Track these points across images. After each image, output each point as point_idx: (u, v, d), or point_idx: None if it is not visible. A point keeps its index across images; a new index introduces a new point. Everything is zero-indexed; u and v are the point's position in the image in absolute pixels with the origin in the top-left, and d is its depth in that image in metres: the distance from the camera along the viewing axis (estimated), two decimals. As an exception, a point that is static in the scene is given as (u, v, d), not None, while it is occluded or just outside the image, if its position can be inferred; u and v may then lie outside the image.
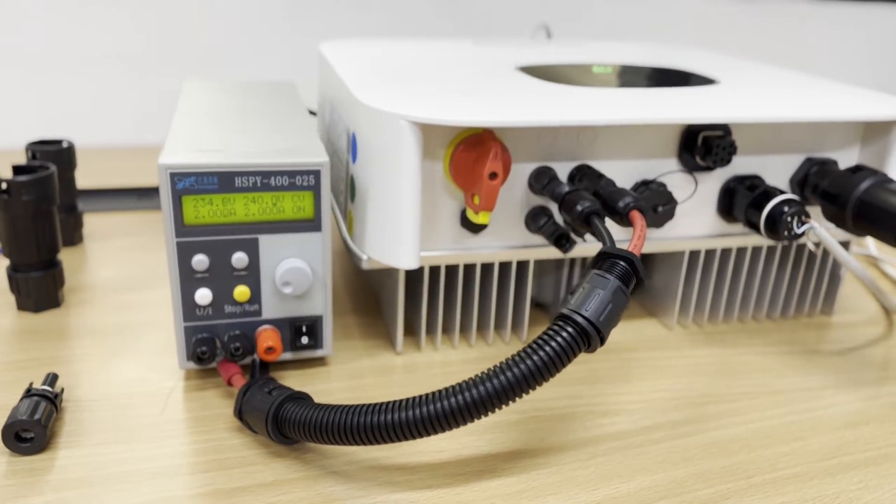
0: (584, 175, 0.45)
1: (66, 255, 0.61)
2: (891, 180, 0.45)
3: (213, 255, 0.41)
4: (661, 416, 0.43)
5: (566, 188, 0.42)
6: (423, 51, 0.60)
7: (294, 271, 0.42)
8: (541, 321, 0.53)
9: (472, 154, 0.42)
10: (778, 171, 0.50)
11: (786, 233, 0.45)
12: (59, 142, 0.61)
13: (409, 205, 0.42)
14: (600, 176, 0.45)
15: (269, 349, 0.43)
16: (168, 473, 0.37)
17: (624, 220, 0.41)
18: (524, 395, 0.34)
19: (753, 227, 0.47)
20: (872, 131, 0.50)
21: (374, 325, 0.52)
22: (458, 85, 0.47)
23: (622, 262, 0.36)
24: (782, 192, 0.46)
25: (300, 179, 0.41)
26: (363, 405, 0.35)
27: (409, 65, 0.53)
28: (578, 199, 0.41)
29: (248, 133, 0.45)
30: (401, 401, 0.35)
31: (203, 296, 0.42)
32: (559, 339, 0.34)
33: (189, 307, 0.42)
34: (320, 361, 0.47)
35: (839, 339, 0.53)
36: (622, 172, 0.47)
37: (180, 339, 0.43)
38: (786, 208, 0.45)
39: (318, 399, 0.42)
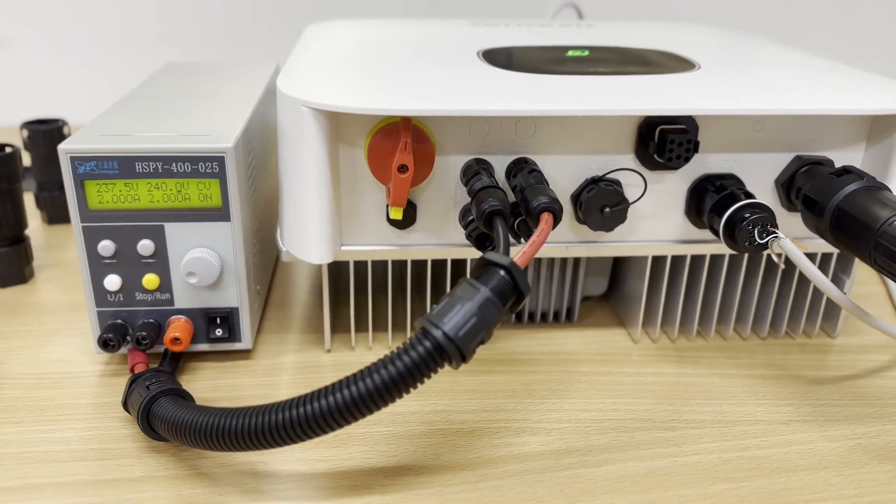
0: (519, 170, 0.41)
1: (56, 232, 0.63)
2: (879, 187, 0.38)
3: (118, 242, 0.41)
4: (581, 439, 0.39)
5: (481, 184, 0.39)
6: (400, 33, 0.57)
7: (198, 262, 0.41)
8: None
9: (387, 144, 0.39)
10: (762, 171, 0.44)
11: (746, 242, 0.40)
12: (54, 121, 0.62)
13: (315, 196, 0.40)
14: (532, 171, 0.40)
15: (176, 340, 0.42)
16: (43, 460, 0.37)
17: (535, 222, 0.37)
18: (373, 411, 0.31)
19: (716, 233, 0.41)
20: (879, 126, 0.43)
21: (318, 319, 0.50)
22: (394, 70, 0.44)
23: (501, 272, 0.32)
24: (749, 196, 0.40)
25: (203, 166, 0.40)
26: (223, 409, 0.34)
27: (365, 48, 0.50)
28: (486, 197, 0.37)
29: (170, 117, 0.44)
30: (251, 407, 0.33)
31: (112, 282, 0.41)
32: (413, 354, 0.30)
33: (100, 293, 0.42)
34: (244, 355, 0.45)
35: (832, 365, 0.46)
36: (569, 169, 0.42)
37: (94, 325, 0.43)
38: (747, 214, 0.39)
39: (225, 394, 0.41)
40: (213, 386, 0.42)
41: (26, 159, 0.71)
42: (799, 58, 0.51)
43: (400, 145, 0.38)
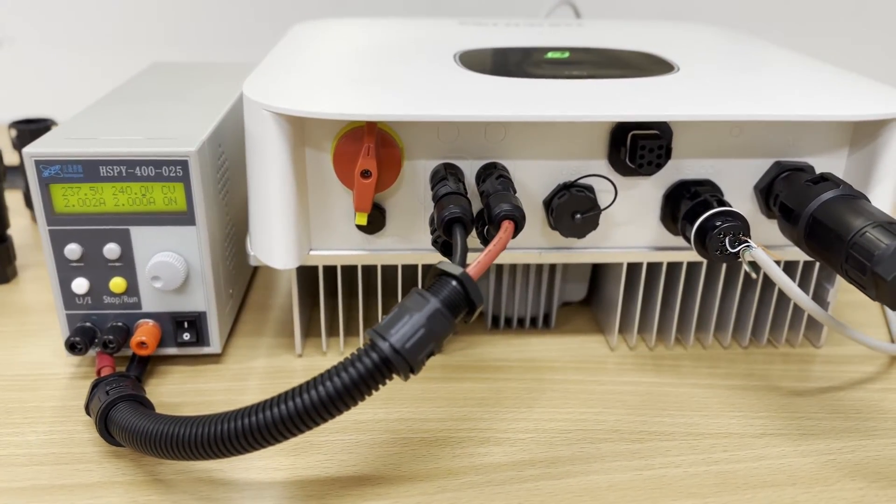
0: (488, 175, 0.40)
1: (44, 231, 0.63)
2: (855, 195, 0.37)
3: (85, 245, 0.41)
4: (546, 450, 0.38)
5: (444, 190, 0.38)
6: (383, 33, 0.56)
7: (162, 266, 0.41)
8: (460, 328, 0.49)
9: (352, 148, 0.39)
10: (741, 177, 0.42)
11: (717, 252, 0.39)
12: (42, 120, 0.62)
13: (279, 201, 0.39)
14: (500, 177, 0.40)
15: (142, 344, 0.42)
16: (1, 463, 0.37)
17: (497, 229, 0.36)
18: (318, 423, 0.30)
19: (689, 241, 0.40)
20: (863, 132, 0.41)
21: (291, 323, 0.49)
22: (362, 73, 0.43)
23: (452, 283, 0.31)
24: (722, 204, 0.39)
25: (167, 170, 0.39)
26: (175, 417, 0.33)
27: (340, 50, 0.50)
28: (448, 203, 0.36)
29: (141, 119, 0.44)
30: (201, 417, 0.32)
31: (79, 285, 0.41)
32: (358, 366, 0.30)
33: (68, 296, 0.42)
34: (213, 359, 0.45)
35: (814, 375, 0.45)
36: (541, 174, 0.42)
37: (63, 327, 0.43)
38: (718, 223, 0.38)
39: (190, 399, 0.41)
40: (179, 390, 0.42)
41: (15, 158, 0.71)
42: (786, 59, 0.50)
43: (363, 150, 0.38)
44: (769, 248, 0.44)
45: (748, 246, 0.38)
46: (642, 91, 0.41)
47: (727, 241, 0.38)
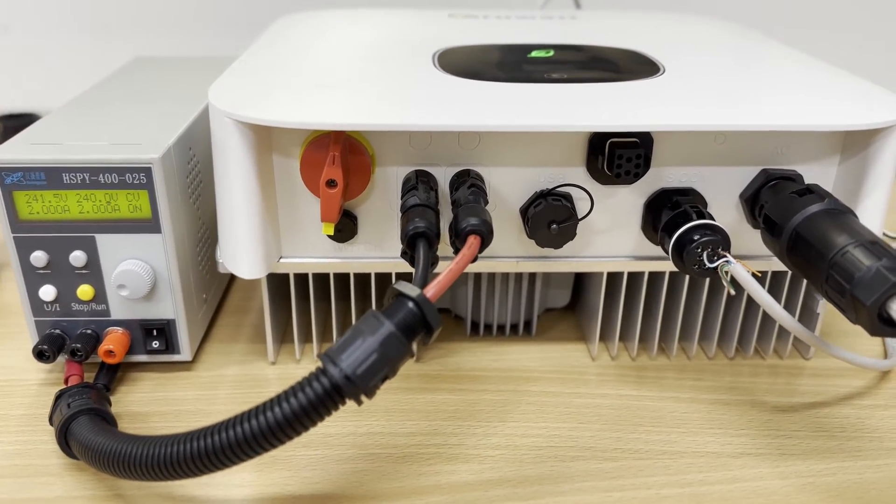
0: (461, 184, 0.39)
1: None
2: (841, 210, 0.35)
3: (51, 252, 0.40)
4: (515, 469, 0.37)
5: (411, 202, 0.37)
6: (365, 28, 0.54)
7: (128, 274, 0.40)
8: (440, 334, 0.48)
9: (319, 156, 0.38)
10: (726, 185, 0.41)
11: (695, 266, 0.37)
12: (28, 115, 0.62)
13: (244, 210, 0.38)
14: (472, 186, 0.38)
15: (110, 352, 0.41)
16: (-36, 476, 0.36)
17: (462, 244, 0.35)
18: (268, 449, 0.30)
19: (668, 253, 0.39)
20: (854, 139, 0.40)
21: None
22: (332, 76, 0.42)
23: (409, 304, 0.30)
24: (702, 216, 0.38)
25: (131, 177, 0.38)
26: (131, 436, 0.33)
27: (315, 48, 0.48)
28: (413, 216, 0.35)
29: (108, 122, 0.43)
30: (156, 437, 0.32)
31: (47, 292, 0.41)
32: (308, 392, 0.29)
33: (36, 303, 0.41)
34: (184, 365, 0.44)
35: (800, 390, 0.43)
36: (517, 181, 0.40)
37: (32, 334, 0.42)
38: (696, 236, 0.37)
39: (159, 408, 0.41)
40: (149, 399, 0.42)
41: None
42: (779, 57, 0.48)
43: (328, 159, 0.37)
44: (755, 258, 0.42)
45: (727, 261, 0.37)
46: (621, 97, 0.39)
47: (705, 255, 0.37)
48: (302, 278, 0.44)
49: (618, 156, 0.38)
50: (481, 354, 0.46)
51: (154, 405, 0.41)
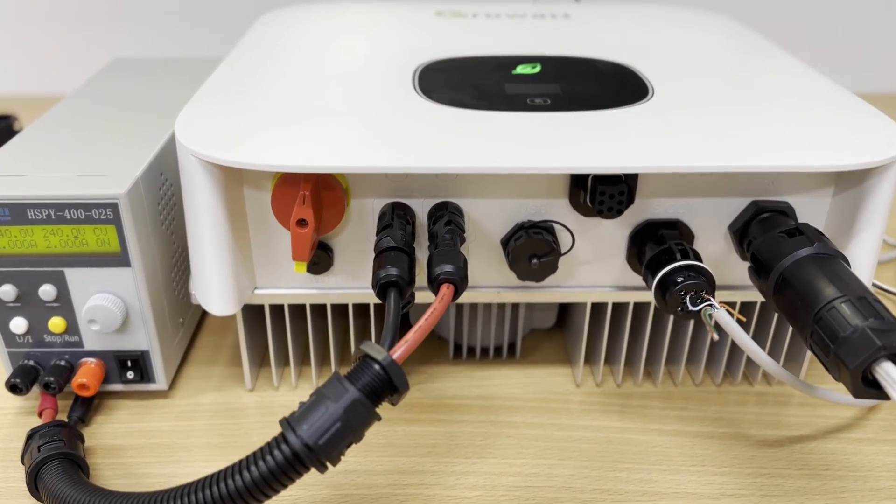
0: (439, 218, 0.38)
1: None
2: (831, 255, 0.34)
3: (20, 286, 0.39)
4: (491, 513, 0.37)
5: (385, 243, 0.35)
6: (347, 31, 0.52)
7: (98, 309, 0.39)
8: (422, 357, 0.47)
9: (291, 191, 0.36)
10: (714, 216, 0.39)
11: (678, 309, 0.36)
12: (5, 117, 0.60)
13: (212, 249, 0.37)
14: (448, 223, 0.37)
15: (83, 386, 0.40)
16: (-65, 518, 0.36)
17: (436, 291, 0.34)
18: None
19: (650, 291, 0.38)
20: (848, 174, 0.38)
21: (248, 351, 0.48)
22: (308, 101, 0.40)
23: (375, 367, 0.29)
24: (686, 255, 0.36)
25: (97, 213, 0.37)
26: (100, 490, 0.32)
27: (292, 61, 0.46)
28: (385, 263, 0.34)
29: (75, 149, 0.41)
30: (122, 495, 0.31)
31: (17, 325, 0.40)
32: (269, 461, 0.28)
33: (7, 335, 0.41)
34: (161, 393, 0.44)
35: (787, 421, 0.42)
36: (498, 212, 0.39)
37: (6, 366, 0.41)
38: (680, 279, 0.36)
39: (135, 441, 0.41)
40: (125, 430, 0.41)
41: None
42: (774, 74, 0.46)
43: (298, 198, 0.36)
44: (743, 289, 0.41)
45: (710, 305, 0.35)
46: (604, 132, 0.37)
47: (688, 298, 0.36)
48: (278, 307, 0.43)
49: (600, 192, 0.36)
50: (463, 380, 0.45)
51: (130, 437, 0.41)
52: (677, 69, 0.46)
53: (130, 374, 0.42)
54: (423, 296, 0.38)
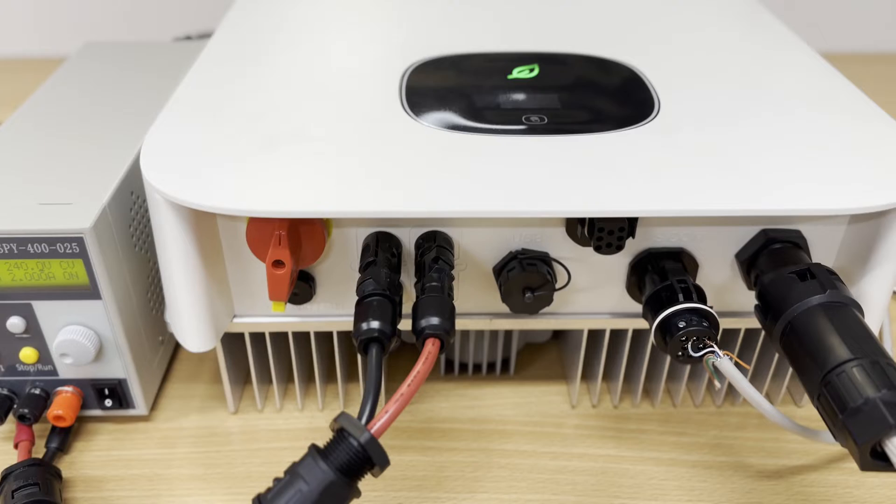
0: (427, 250, 0.35)
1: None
2: (844, 303, 0.32)
3: (-14, 318, 0.37)
4: (479, 557, 0.36)
5: (367, 287, 0.33)
6: (332, 23, 0.49)
7: (69, 343, 0.37)
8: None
9: (266, 227, 0.34)
10: (720, 244, 0.37)
11: (678, 354, 0.34)
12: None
13: (183, 287, 0.35)
14: (437, 260, 0.35)
15: (59, 417, 0.39)
16: (-89, 562, 0.35)
17: (421, 343, 0.32)
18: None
19: (649, 323, 0.36)
20: (866, 202, 0.35)
21: (231, 368, 0.46)
22: (282, 124, 0.37)
23: (354, 444, 0.28)
24: (689, 296, 0.34)
25: (62, 247, 0.35)
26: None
27: (267, 69, 0.43)
28: (367, 313, 0.32)
29: (36, 169, 0.39)
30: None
31: (-13, 355, 0.38)
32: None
33: (-23, 364, 0.39)
34: (142, 416, 0.42)
35: (787, 448, 0.41)
36: (490, 240, 0.36)
37: (-22, 393, 0.40)
38: (682, 324, 0.33)
39: (115, 472, 0.40)
40: (105, 459, 0.40)
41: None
42: (794, 75, 0.42)
43: (274, 238, 0.33)
44: (748, 315, 0.39)
45: (713, 352, 0.33)
46: (604, 164, 0.34)
47: (690, 345, 0.34)
48: (259, 333, 0.41)
49: (598, 227, 0.34)
50: (455, 399, 0.44)
51: (110, 467, 0.40)
52: (685, 69, 0.43)
53: (108, 402, 0.40)
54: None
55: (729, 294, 0.39)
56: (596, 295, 0.39)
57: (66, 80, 0.48)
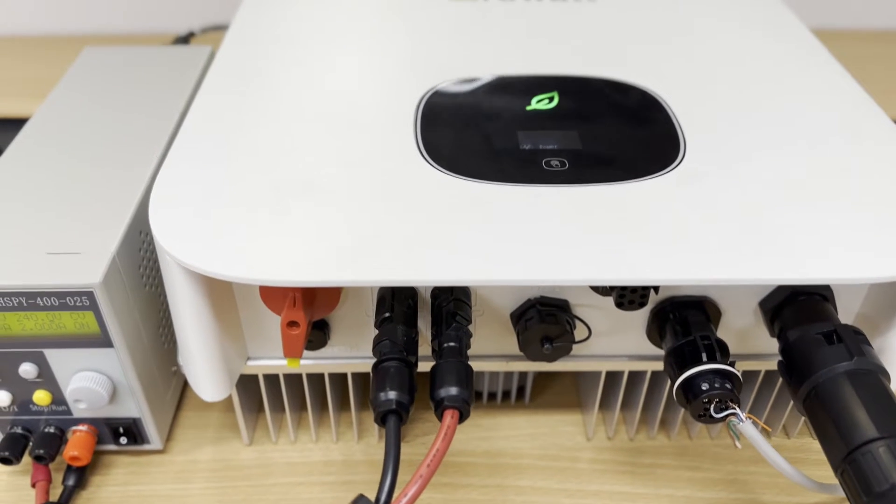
0: (444, 301, 0.35)
1: None
2: (871, 371, 0.31)
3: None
4: None
5: (384, 349, 0.32)
6: (340, 32, 0.47)
7: (83, 391, 0.37)
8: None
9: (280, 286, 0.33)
10: (746, 292, 0.36)
11: (700, 415, 0.34)
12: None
13: (196, 339, 0.34)
14: (455, 316, 0.34)
15: (75, 457, 0.39)
16: None
17: (439, 414, 0.31)
18: None
19: (671, 381, 0.35)
20: None
21: (244, 394, 0.46)
22: (294, 174, 0.35)
23: (371, 526, 0.27)
24: (713, 355, 0.33)
25: (72, 300, 0.34)
26: None
27: (274, 88, 0.41)
28: (384, 379, 0.31)
29: (41, 211, 0.37)
30: None
31: (1, 398, 0.38)
32: None
33: (-9, 405, 0.39)
34: (157, 450, 0.42)
35: (801, 487, 0.41)
36: (507, 288, 0.36)
37: (-7, 431, 0.40)
38: (705, 386, 0.33)
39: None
40: (122, 495, 0.40)
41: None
42: (826, 101, 0.41)
43: (288, 300, 0.32)
44: (770, 357, 0.38)
45: (734, 413, 0.33)
46: (628, 224, 0.33)
47: (713, 407, 0.33)
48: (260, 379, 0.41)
49: (621, 287, 0.33)
50: (470, 430, 0.44)
51: (127, 502, 0.40)
52: (709, 94, 0.41)
53: (123, 440, 0.40)
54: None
55: (751, 338, 0.38)
56: (615, 339, 0.38)
57: (68, 97, 0.47)
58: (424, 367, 0.34)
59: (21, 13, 0.82)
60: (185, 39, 0.60)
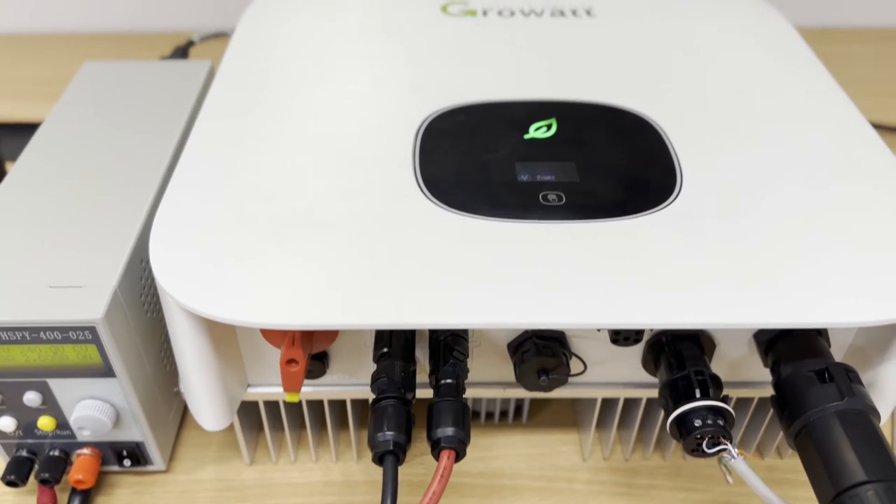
0: (440, 338, 0.35)
1: None
2: (861, 411, 0.32)
3: (3, 393, 0.38)
4: None
5: (382, 386, 0.33)
6: (338, 53, 0.47)
7: (87, 419, 0.38)
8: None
9: (279, 322, 0.34)
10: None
11: (692, 451, 0.34)
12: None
13: (196, 373, 0.35)
14: (453, 352, 0.34)
15: (79, 480, 0.40)
16: None
17: (435, 454, 0.32)
18: None
19: (665, 414, 0.36)
20: (890, 290, 0.34)
21: (244, 414, 0.47)
22: (295, 209, 0.36)
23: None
24: (706, 391, 0.34)
25: (74, 334, 0.35)
26: None
27: (274, 113, 0.42)
28: (382, 419, 0.32)
29: (41, 239, 0.38)
30: None
31: (6, 424, 0.39)
32: None
33: (-3, 429, 0.39)
34: (160, 471, 0.43)
35: (795, 509, 0.42)
36: (504, 322, 0.36)
37: (1, 454, 0.41)
38: (697, 423, 0.33)
39: None
40: (126, 515, 0.41)
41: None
42: (828, 132, 0.41)
43: (287, 339, 0.33)
44: (764, 385, 0.39)
45: (726, 450, 0.33)
46: (625, 266, 0.33)
47: (705, 443, 0.34)
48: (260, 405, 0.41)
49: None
50: (468, 450, 0.44)
51: (131, 525, 0.41)
52: (711, 131, 0.41)
53: (127, 462, 0.41)
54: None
55: (745, 367, 0.38)
56: (610, 367, 0.38)
57: (67, 117, 0.47)
58: (424, 393, 0.35)
59: (21, 12, 0.82)
60: (184, 50, 0.60)
